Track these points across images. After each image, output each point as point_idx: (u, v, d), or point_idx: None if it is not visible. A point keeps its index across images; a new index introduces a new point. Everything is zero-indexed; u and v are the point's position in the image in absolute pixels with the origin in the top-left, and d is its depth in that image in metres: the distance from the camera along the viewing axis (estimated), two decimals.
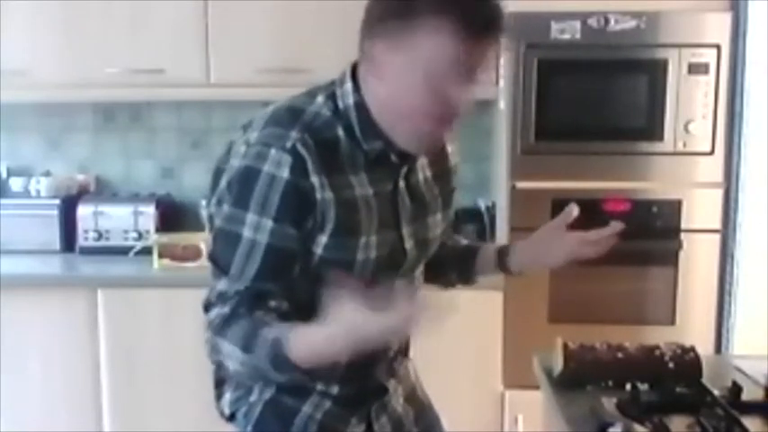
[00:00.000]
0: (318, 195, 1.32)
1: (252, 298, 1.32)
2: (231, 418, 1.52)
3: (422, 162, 1.49)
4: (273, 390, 1.46)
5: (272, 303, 1.33)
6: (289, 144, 1.31)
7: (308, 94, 1.41)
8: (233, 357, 1.31)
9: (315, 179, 1.31)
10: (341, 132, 1.36)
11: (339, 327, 1.19)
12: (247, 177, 1.32)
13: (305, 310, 1.29)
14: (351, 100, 1.37)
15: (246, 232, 1.32)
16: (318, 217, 1.33)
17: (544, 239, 1.57)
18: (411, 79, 1.29)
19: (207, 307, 1.35)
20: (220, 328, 1.31)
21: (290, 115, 1.36)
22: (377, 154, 1.38)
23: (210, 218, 1.42)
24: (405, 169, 1.44)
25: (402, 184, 1.44)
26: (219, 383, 1.54)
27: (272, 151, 1.31)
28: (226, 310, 1.32)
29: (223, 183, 1.37)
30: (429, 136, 1.38)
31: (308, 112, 1.36)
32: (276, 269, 1.33)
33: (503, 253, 1.61)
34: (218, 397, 1.54)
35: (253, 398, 1.48)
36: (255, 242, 1.31)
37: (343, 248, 1.36)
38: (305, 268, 1.35)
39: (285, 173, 1.30)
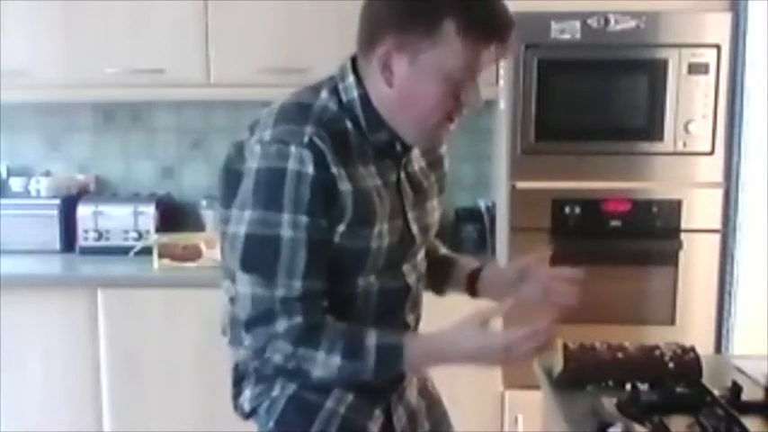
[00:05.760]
0: (339, 187, 1.36)
1: (311, 303, 1.37)
2: (251, 414, 1.52)
3: (415, 153, 1.53)
4: (296, 385, 1.47)
5: (324, 302, 1.39)
6: (306, 139, 1.34)
7: (310, 89, 1.44)
8: (326, 365, 1.37)
9: (334, 171, 1.35)
10: (349, 125, 1.40)
11: (495, 340, 1.39)
12: (273, 178, 1.34)
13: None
14: (354, 93, 1.41)
15: (285, 232, 1.35)
16: (339, 208, 1.36)
17: (515, 273, 1.61)
18: (426, 84, 1.35)
19: (255, 320, 1.38)
20: (305, 338, 1.37)
21: (301, 111, 1.39)
22: (382, 145, 1.43)
23: (226, 220, 1.43)
24: (405, 159, 1.49)
25: (403, 173, 1.49)
26: (238, 381, 1.55)
27: (292, 148, 1.34)
28: (298, 320, 1.36)
29: (244, 186, 1.38)
30: (435, 129, 1.42)
31: (316, 107, 1.40)
32: (319, 261, 1.37)
33: (472, 279, 1.66)
34: (237, 395, 1.55)
35: (275, 393, 1.48)
36: (296, 239, 1.35)
37: (359, 237, 1.40)
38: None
39: (310, 168, 1.33)
